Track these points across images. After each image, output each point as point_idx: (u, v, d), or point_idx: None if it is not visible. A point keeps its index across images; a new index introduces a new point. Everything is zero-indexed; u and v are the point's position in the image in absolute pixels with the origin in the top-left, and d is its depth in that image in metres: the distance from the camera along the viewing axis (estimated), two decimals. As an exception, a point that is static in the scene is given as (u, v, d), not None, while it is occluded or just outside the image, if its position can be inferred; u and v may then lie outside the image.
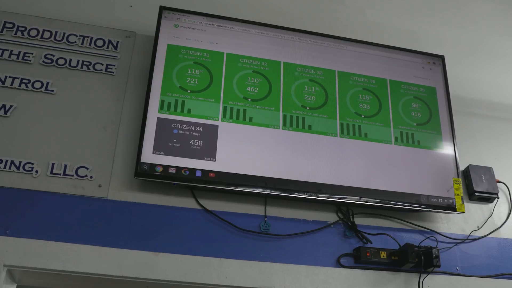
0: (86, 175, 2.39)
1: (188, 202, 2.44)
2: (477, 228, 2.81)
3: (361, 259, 2.47)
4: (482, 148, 3.09)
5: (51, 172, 2.36)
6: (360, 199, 2.55)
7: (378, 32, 3.28)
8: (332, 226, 2.57)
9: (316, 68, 2.82)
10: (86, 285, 2.41)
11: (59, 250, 2.20)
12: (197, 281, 2.26)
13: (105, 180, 2.40)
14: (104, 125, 2.52)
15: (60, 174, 2.37)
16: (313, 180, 2.52)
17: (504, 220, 2.89)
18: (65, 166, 2.38)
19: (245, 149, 2.50)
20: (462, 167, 2.91)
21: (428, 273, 2.52)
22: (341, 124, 2.70)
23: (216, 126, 2.51)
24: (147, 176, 2.35)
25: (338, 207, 2.61)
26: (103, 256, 2.23)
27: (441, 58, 3.09)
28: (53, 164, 2.37)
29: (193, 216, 2.41)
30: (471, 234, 2.77)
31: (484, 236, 2.80)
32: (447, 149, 2.82)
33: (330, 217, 2.59)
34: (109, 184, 2.40)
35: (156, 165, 2.36)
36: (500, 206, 2.93)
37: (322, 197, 2.51)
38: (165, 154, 2.39)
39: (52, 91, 2.54)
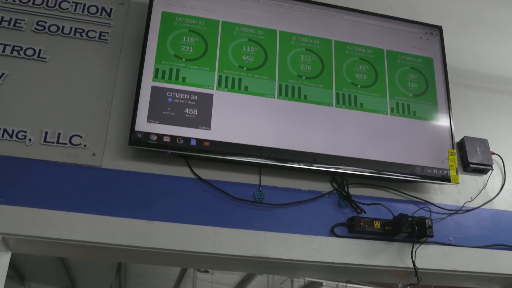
0: (80, 144, 2.37)
1: (182, 171, 2.43)
2: (470, 200, 2.82)
3: (355, 228, 2.48)
4: (477, 120, 3.08)
5: (45, 141, 2.34)
6: (355, 169, 2.55)
7: (375, 1, 3.24)
8: (326, 196, 2.58)
9: (313, 37, 2.78)
10: (80, 253, 2.42)
11: (54, 218, 2.20)
12: (191, 249, 2.27)
13: (99, 149, 2.39)
14: (98, 94, 2.49)
15: (53, 143, 2.35)
16: (308, 149, 2.51)
17: (497, 192, 2.91)
18: (59, 134, 2.37)
19: (240, 118, 2.49)
20: (457, 139, 2.91)
21: (421, 243, 2.53)
22: (337, 94, 2.68)
23: (211, 95, 2.49)
24: (141, 144, 2.33)
25: (332, 177, 2.61)
26: (98, 224, 2.23)
27: (439, 28, 3.06)
28: (46, 133, 2.36)
29: (187, 185, 2.40)
30: (464, 205, 2.78)
31: (477, 207, 2.81)
32: (442, 121, 2.82)
33: (325, 187, 2.59)
34: (103, 152, 2.38)
35: (150, 133, 2.34)
36: (494, 178, 2.94)
37: (316, 167, 2.50)
38: (159, 123, 2.37)
39: (45, 58, 2.51)
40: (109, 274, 10.82)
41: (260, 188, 2.48)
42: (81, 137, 2.38)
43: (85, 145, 2.37)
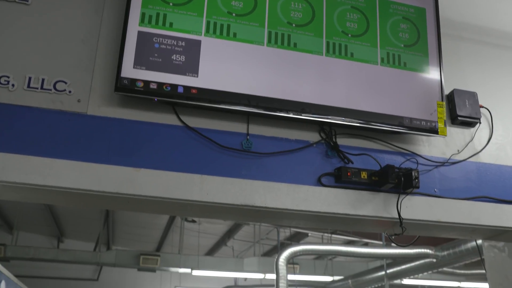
0: (65, 90, 2.33)
1: (169, 119, 2.40)
2: (457, 152, 2.83)
3: (342, 178, 2.48)
4: (468, 73, 3.06)
5: (28, 86, 2.29)
6: (343, 119, 2.53)
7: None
8: (314, 145, 2.57)
9: (304, -16, 2.71)
10: (66, 200, 2.41)
11: (39, 165, 2.17)
12: (178, 197, 2.27)
13: (85, 95, 2.34)
14: (82, 38, 2.42)
15: (37, 88, 2.30)
16: (297, 99, 2.48)
17: (484, 145, 2.92)
18: (43, 80, 2.31)
19: (229, 66, 2.44)
20: (447, 91, 2.89)
21: (407, 194, 2.55)
22: (327, 43, 2.63)
23: (199, 41, 2.43)
24: (127, 91, 2.29)
25: (321, 126, 2.60)
26: (84, 171, 2.21)
27: (433, -23, 2.99)
28: (30, 78, 2.30)
29: (174, 133, 2.38)
30: (451, 158, 2.79)
31: (464, 160, 2.83)
32: (433, 72, 2.79)
33: (313, 136, 2.58)
34: (89, 99, 2.34)
35: (136, 80, 2.30)
36: (482, 131, 2.94)
37: (305, 116, 2.48)
38: (146, 69, 2.32)
39: (27, 1, 2.42)
40: (97, 223, 10.90)
41: (248, 137, 2.47)
42: (65, 83, 2.34)
43: (70, 91, 2.33)
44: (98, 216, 10.81)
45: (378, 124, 2.59)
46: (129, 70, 2.30)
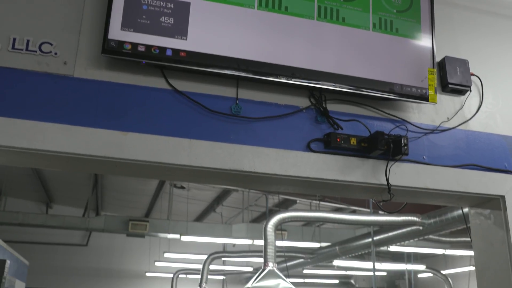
0: (51, 51, 2.28)
1: (158, 82, 2.37)
2: (447, 120, 2.83)
3: (331, 144, 2.48)
4: (460, 40, 3.04)
5: (13, 47, 2.24)
6: (333, 85, 2.51)
7: None
8: (304, 111, 2.55)
9: None
10: (53, 163, 2.39)
11: (25, 128, 2.14)
12: (166, 161, 2.25)
13: (71, 57, 2.30)
14: (68, -2, 2.36)
15: (22, 50, 2.25)
16: (287, 63, 2.45)
17: (473, 113, 2.92)
18: (28, 41, 2.26)
19: (218, 29, 2.40)
20: (438, 58, 2.87)
21: (396, 160, 2.56)
22: (319, 7, 2.59)
23: (188, 3, 2.38)
24: (115, 53, 2.25)
25: (311, 92, 2.58)
26: (70, 135, 2.18)
27: None
28: (14, 39, 2.25)
29: (163, 97, 2.35)
30: (440, 125, 2.79)
31: (453, 128, 2.83)
32: (425, 39, 2.76)
33: (302, 102, 2.56)
34: (75, 61, 2.30)
35: (124, 42, 2.25)
36: (472, 99, 2.94)
37: (295, 81, 2.46)
38: (134, 31, 2.27)
39: (11, -41, 2.35)
40: (86, 189, 10.90)
41: (237, 101, 2.44)
42: (51, 44, 2.28)
43: (56, 53, 2.28)
44: (87, 182, 10.80)
45: (369, 90, 2.57)
46: (116, 32, 2.25)
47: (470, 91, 2.91)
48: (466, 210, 3.21)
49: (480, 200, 2.87)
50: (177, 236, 9.76)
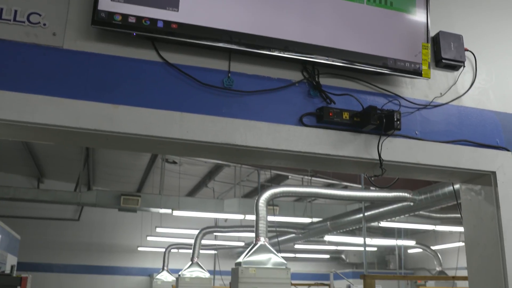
0: (39, 22, 2.23)
1: (149, 54, 2.33)
2: (440, 95, 2.82)
3: (323, 118, 2.46)
4: (455, 15, 3.01)
5: (0, 18, 2.19)
6: (326, 58, 2.49)
7: None
8: (296, 84, 2.53)
9: None
10: (43, 136, 2.36)
11: (14, 100, 2.11)
12: (157, 134, 2.23)
13: (60, 28, 2.25)
14: (56, -33, 2.31)
15: (10, 20, 2.20)
16: (280, 36, 2.42)
17: (467, 89, 2.91)
18: (15, 11, 2.21)
19: (210, 1, 2.35)
20: (432, 33, 2.85)
21: (388, 135, 2.55)
22: (313, -20, 2.55)
23: (180, -26, 2.33)
24: (105, 25, 2.21)
25: (303, 65, 2.55)
26: (60, 107, 2.15)
27: None
28: (1, 9, 2.19)
29: (154, 69, 2.32)
30: (433, 101, 2.78)
31: (446, 103, 2.82)
32: (419, 13, 2.73)
33: (295, 75, 2.54)
34: (65, 32, 2.25)
35: (114, 13, 2.21)
36: (465, 75, 2.93)
37: (288, 54, 2.43)
38: (124, 2, 2.23)
39: None
40: (77, 164, 10.86)
41: (229, 75, 2.42)
42: (40, 15, 2.24)
43: (44, 24, 2.23)
44: (78, 156, 10.76)
45: (362, 65, 2.55)
46: (106, 3, 2.21)
47: (464, 66, 2.89)
48: (457, 186, 3.22)
49: (471, 176, 2.88)
50: (169, 211, 9.78)
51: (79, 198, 9.86)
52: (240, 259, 6.43)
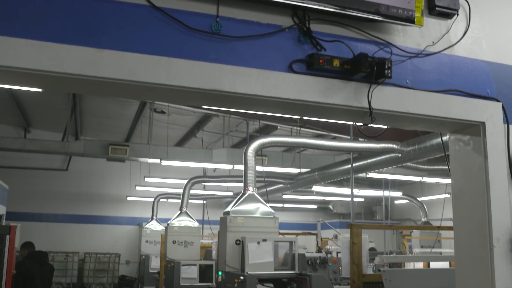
0: (20, -39, 2.13)
1: (134, -3, 2.25)
2: (432, 44, 2.77)
3: (313, 65, 2.41)
4: (449, -40, 2.93)
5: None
6: (317, 4, 2.41)
7: None
8: (286, 30, 2.47)
9: None
10: (26, 82, 2.30)
11: (-7, 43, 2.03)
12: (144, 80, 2.18)
13: (41, -32, 2.15)
14: None
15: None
16: (270, -21, 2.34)
17: (459, 38, 2.86)
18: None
19: None
20: (426, -22, 2.78)
21: (379, 84, 2.52)
22: None
23: None
24: (88, -35, 2.12)
25: (294, 11, 2.48)
26: (44, 51, 2.08)
27: None
28: None
29: (140, 12, 2.24)
30: (425, 49, 2.74)
31: (438, 52, 2.78)
32: (413, -42, 2.65)
33: (285, 21, 2.47)
34: (47, -27, 2.16)
35: (98, -48, 2.12)
36: (458, 24, 2.88)
37: (278, -2, 2.35)
38: None
39: None
40: (64, 113, 10.75)
41: (218, 19, 2.34)
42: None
43: (25, -37, 2.13)
44: (65, 106, 10.64)
45: (354, 11, 2.49)
46: None
47: (457, 15, 2.84)
48: (445, 138, 3.22)
49: (461, 126, 2.87)
50: (157, 160, 9.78)
51: (67, 147, 9.80)
52: (229, 208, 6.48)
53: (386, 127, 2.97)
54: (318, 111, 2.58)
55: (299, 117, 5.30)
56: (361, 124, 2.67)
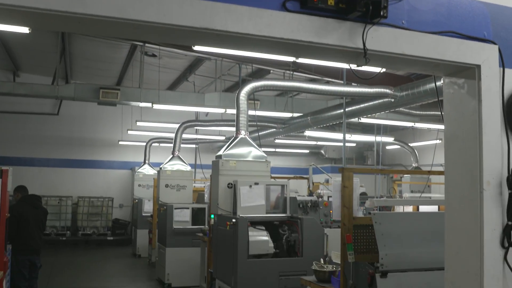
0: None
1: None
2: (430, -16, 2.69)
3: (307, 4, 2.33)
4: None
5: None
6: None
7: None
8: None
9: None
10: (12, 19, 2.22)
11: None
12: (133, 17, 2.10)
13: None
14: None
15: None
16: None
17: (457, -21, 2.78)
18: None
19: None
20: None
21: (374, 24, 2.45)
22: None
23: None
24: None
25: None
26: (29, -13, 2.00)
27: None
28: None
29: None
30: (423, -11, 2.66)
31: (435, -10, 2.70)
32: None
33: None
34: None
35: None
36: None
37: None
38: None
39: None
40: (53, 56, 10.58)
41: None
42: None
43: None
44: (54, 49, 10.45)
45: None
46: None
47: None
48: (439, 83, 3.18)
49: (456, 69, 2.83)
50: (149, 104, 9.71)
51: (57, 91, 9.69)
52: (221, 152, 6.49)
53: (380, 70, 2.92)
54: (311, 51, 2.53)
55: (292, 58, 5.21)
56: (355, 65, 2.62)
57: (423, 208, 6.86)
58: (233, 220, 5.61)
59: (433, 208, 6.46)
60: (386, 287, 3.73)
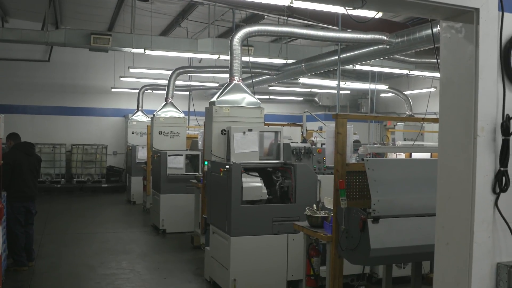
0: None
1: None
2: None
3: None
4: None
5: None
6: None
7: None
8: None
9: None
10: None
11: None
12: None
13: None
14: None
15: None
16: None
17: None
18: None
19: None
20: None
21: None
22: None
23: None
24: None
25: None
26: None
27: None
28: None
29: None
30: None
31: None
32: None
33: None
34: None
35: None
36: None
37: None
38: None
39: None
40: (43, 1, 10.31)
41: None
42: None
43: None
44: (44, -7, 10.19)
45: None
46: None
47: None
48: (435, 29, 3.12)
49: (454, 12, 2.76)
50: (141, 50, 9.55)
51: (47, 37, 9.49)
52: (214, 98, 6.43)
53: (375, 13, 2.85)
54: (306, -7, 2.46)
55: (287, 2, 5.09)
56: (351, 8, 2.55)
57: (416, 156, 6.88)
58: (227, 167, 5.62)
59: (426, 156, 6.48)
60: (378, 232, 3.77)
